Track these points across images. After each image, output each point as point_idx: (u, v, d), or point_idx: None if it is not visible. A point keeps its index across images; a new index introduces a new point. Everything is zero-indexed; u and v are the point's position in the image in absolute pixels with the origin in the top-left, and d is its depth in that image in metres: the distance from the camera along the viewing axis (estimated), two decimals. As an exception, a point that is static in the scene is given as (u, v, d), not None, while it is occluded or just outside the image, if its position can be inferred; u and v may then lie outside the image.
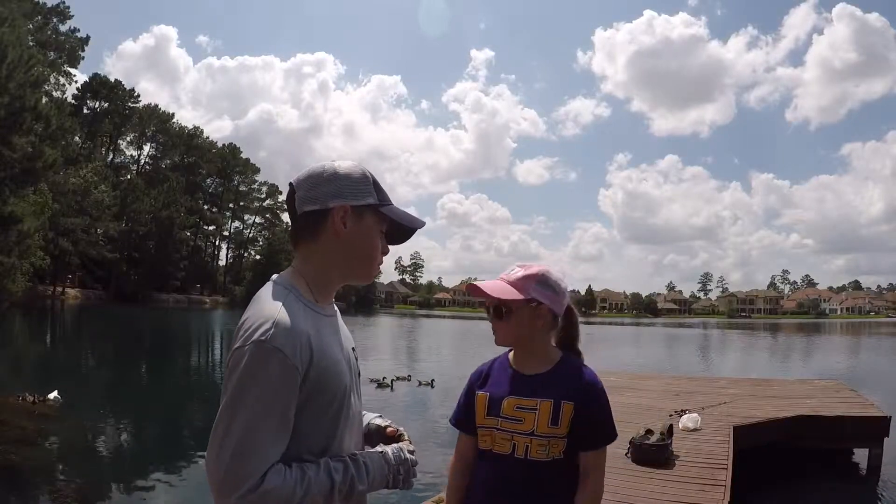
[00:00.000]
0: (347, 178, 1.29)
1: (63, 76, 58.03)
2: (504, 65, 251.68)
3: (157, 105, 78.40)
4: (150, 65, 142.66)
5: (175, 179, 72.09)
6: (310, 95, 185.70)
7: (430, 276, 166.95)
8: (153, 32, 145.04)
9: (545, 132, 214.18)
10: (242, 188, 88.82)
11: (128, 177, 73.01)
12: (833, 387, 9.63)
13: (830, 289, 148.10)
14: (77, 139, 62.03)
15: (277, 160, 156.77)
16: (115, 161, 74.78)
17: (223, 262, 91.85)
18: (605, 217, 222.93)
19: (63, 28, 58.04)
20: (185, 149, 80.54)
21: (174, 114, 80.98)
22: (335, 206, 1.27)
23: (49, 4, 55.82)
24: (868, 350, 33.75)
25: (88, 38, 60.37)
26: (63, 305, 50.48)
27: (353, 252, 1.30)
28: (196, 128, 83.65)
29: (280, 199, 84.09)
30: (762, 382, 10.71)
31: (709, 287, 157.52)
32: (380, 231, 1.33)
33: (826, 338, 46.95)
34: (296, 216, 1.30)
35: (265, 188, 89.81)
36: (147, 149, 79.09)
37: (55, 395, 9.93)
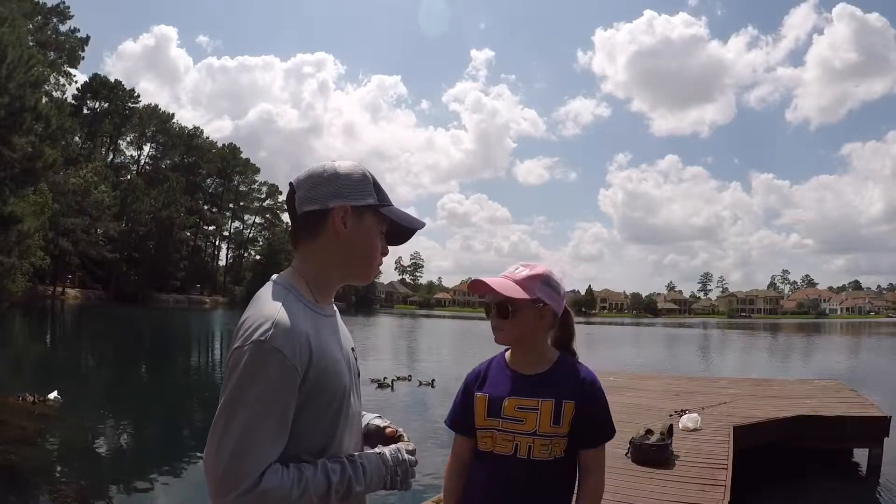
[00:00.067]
0: (348, 179, 1.29)
1: (63, 76, 58.07)
2: (504, 65, 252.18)
3: (157, 105, 78.71)
4: (150, 65, 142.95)
5: (175, 179, 72.10)
6: (310, 95, 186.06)
7: (430, 276, 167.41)
8: (153, 32, 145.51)
9: (545, 132, 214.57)
10: (242, 188, 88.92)
11: (128, 177, 73.02)
12: (833, 387, 9.63)
13: (830, 289, 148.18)
14: (77, 139, 62.06)
15: (277, 160, 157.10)
16: (115, 161, 74.91)
17: (223, 262, 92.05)
18: (605, 217, 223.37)
19: (63, 28, 58.18)
20: (185, 149, 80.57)
21: (174, 114, 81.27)
22: (335, 207, 1.27)
23: (49, 4, 55.92)
24: (868, 350, 33.74)
25: (88, 38, 60.53)
26: (63, 305, 50.46)
27: (353, 252, 1.30)
28: (196, 128, 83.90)
29: (280, 199, 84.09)
30: (762, 382, 10.70)
31: (709, 287, 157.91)
32: (380, 231, 1.33)
33: (826, 338, 46.95)
34: (296, 216, 1.30)
35: (265, 188, 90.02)
36: (147, 149, 79.28)
37: (55, 395, 9.92)
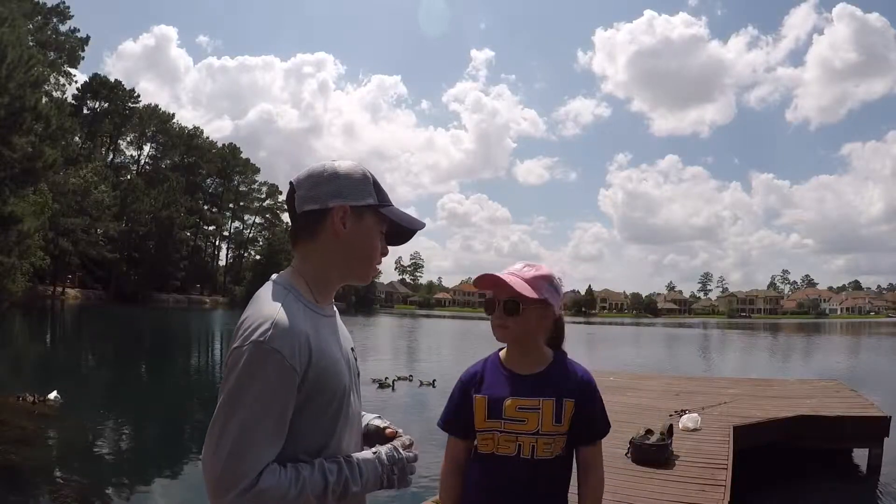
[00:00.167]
0: (347, 178, 1.29)
1: (63, 76, 58.04)
2: (504, 65, 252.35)
3: (157, 105, 78.70)
4: (150, 65, 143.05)
5: (175, 179, 72.08)
6: (310, 95, 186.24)
7: (430, 276, 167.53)
8: (153, 32, 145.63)
9: (545, 132, 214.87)
10: (242, 188, 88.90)
11: (128, 177, 73.01)
12: (833, 387, 9.63)
13: (830, 289, 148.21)
14: (77, 139, 62.04)
15: (277, 160, 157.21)
16: (115, 161, 74.90)
17: (223, 262, 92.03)
18: (605, 217, 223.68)
19: (63, 28, 58.16)
20: (185, 149, 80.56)
21: (174, 114, 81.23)
22: (335, 206, 1.26)
23: (49, 4, 55.90)
24: (868, 350, 33.73)
25: (88, 38, 60.51)
26: (63, 305, 50.44)
27: (352, 252, 1.30)
28: (196, 128, 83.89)
29: (280, 199, 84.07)
30: (762, 382, 10.70)
31: (709, 287, 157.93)
32: (379, 232, 1.33)
33: (826, 338, 46.93)
34: (295, 215, 1.29)
35: (265, 188, 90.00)
36: (147, 149, 79.27)
37: (55, 395, 9.92)
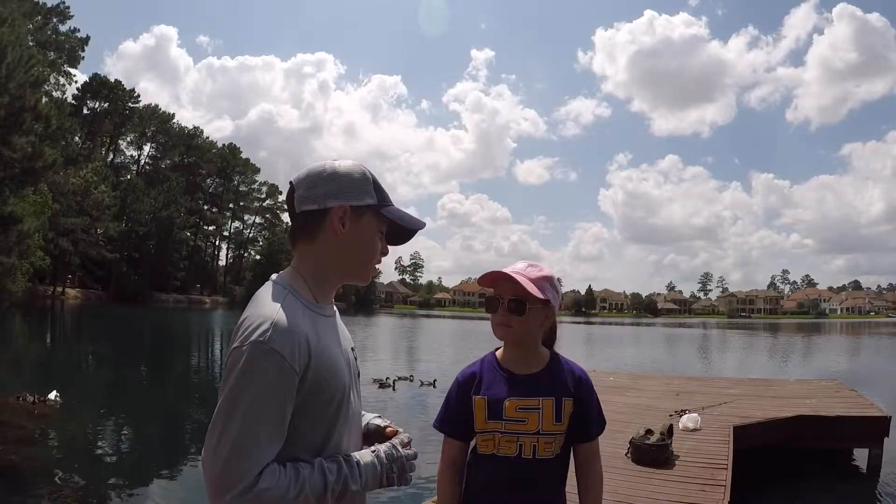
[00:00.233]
0: (347, 178, 1.28)
1: (63, 76, 58.10)
2: (504, 65, 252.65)
3: (157, 105, 78.75)
4: (151, 65, 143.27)
5: (175, 179, 72.14)
6: (310, 95, 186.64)
7: (430, 276, 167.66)
8: (153, 32, 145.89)
9: (545, 132, 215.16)
10: (242, 188, 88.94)
11: (128, 177, 73.09)
12: (833, 387, 9.62)
13: (830, 289, 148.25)
14: (77, 139, 62.09)
15: (277, 160, 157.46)
16: (115, 161, 74.96)
17: (223, 262, 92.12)
18: (606, 217, 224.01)
19: (63, 28, 58.27)
20: (185, 149, 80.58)
21: (174, 114, 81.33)
22: (334, 206, 1.26)
23: (49, 4, 55.98)
24: (868, 350, 33.73)
25: (88, 38, 60.61)
26: (63, 305, 50.43)
27: (351, 252, 1.29)
28: (196, 128, 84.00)
29: (280, 199, 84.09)
30: (762, 382, 10.69)
31: (709, 287, 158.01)
32: (379, 232, 1.32)
33: (826, 338, 46.90)
34: (295, 215, 1.29)
35: (265, 188, 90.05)
36: (147, 149, 79.32)
37: (55, 395, 9.91)
